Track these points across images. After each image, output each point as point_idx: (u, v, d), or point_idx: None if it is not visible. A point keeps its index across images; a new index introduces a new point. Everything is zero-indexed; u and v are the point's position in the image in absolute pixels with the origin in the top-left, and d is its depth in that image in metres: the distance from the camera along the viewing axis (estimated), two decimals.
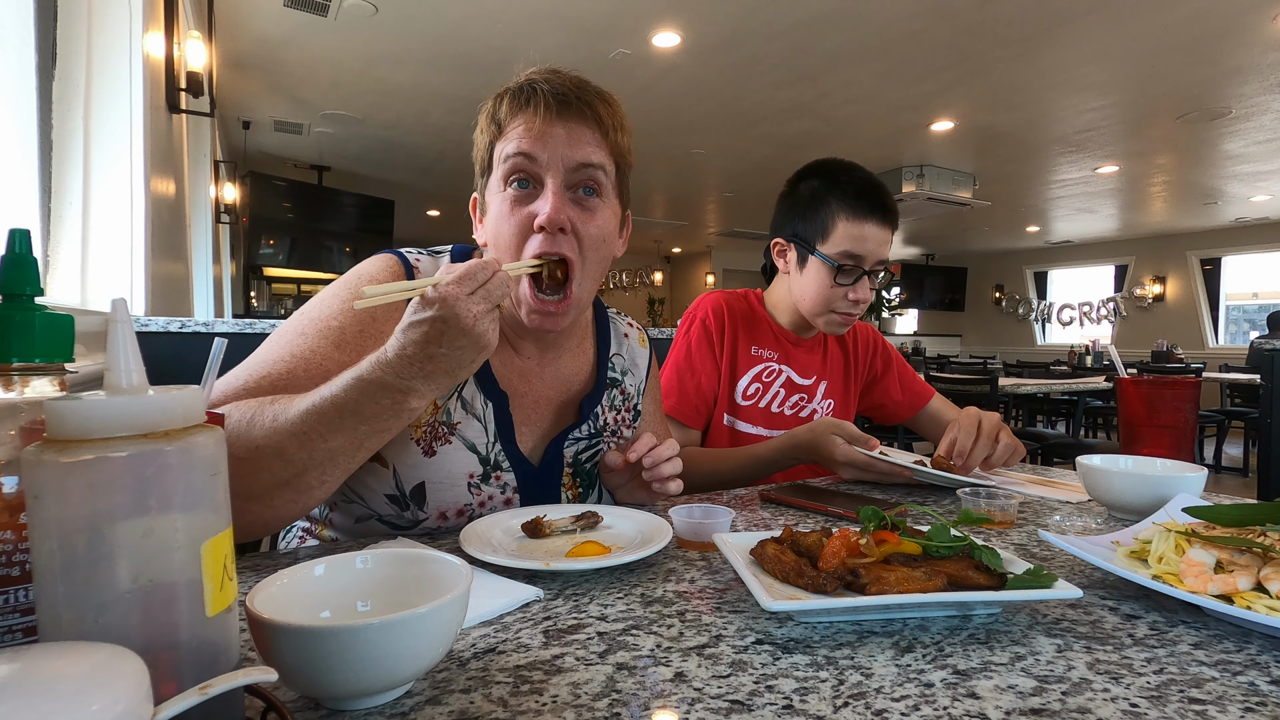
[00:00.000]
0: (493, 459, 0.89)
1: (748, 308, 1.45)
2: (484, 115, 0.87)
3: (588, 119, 0.84)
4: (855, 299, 1.31)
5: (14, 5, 1.25)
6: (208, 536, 0.36)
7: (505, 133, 0.84)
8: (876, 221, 1.29)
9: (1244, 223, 9.25)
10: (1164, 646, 0.53)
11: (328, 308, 0.83)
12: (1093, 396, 5.62)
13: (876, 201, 1.29)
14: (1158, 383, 1.11)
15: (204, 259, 4.43)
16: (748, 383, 1.39)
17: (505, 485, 0.89)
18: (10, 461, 0.39)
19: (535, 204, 0.83)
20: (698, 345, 1.38)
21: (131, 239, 2.05)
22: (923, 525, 0.70)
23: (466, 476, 0.86)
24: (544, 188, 0.83)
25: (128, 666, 0.28)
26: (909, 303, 13.02)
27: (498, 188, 0.85)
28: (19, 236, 0.42)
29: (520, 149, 0.82)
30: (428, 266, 0.90)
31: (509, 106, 0.84)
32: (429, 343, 0.66)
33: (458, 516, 0.86)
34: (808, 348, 1.45)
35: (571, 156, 0.83)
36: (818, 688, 0.46)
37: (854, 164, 1.36)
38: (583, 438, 0.98)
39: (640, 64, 4.49)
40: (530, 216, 0.82)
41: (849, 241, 1.28)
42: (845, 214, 1.29)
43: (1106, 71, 4.50)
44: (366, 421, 0.69)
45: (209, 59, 3.42)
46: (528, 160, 0.82)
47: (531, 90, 0.83)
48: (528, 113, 0.83)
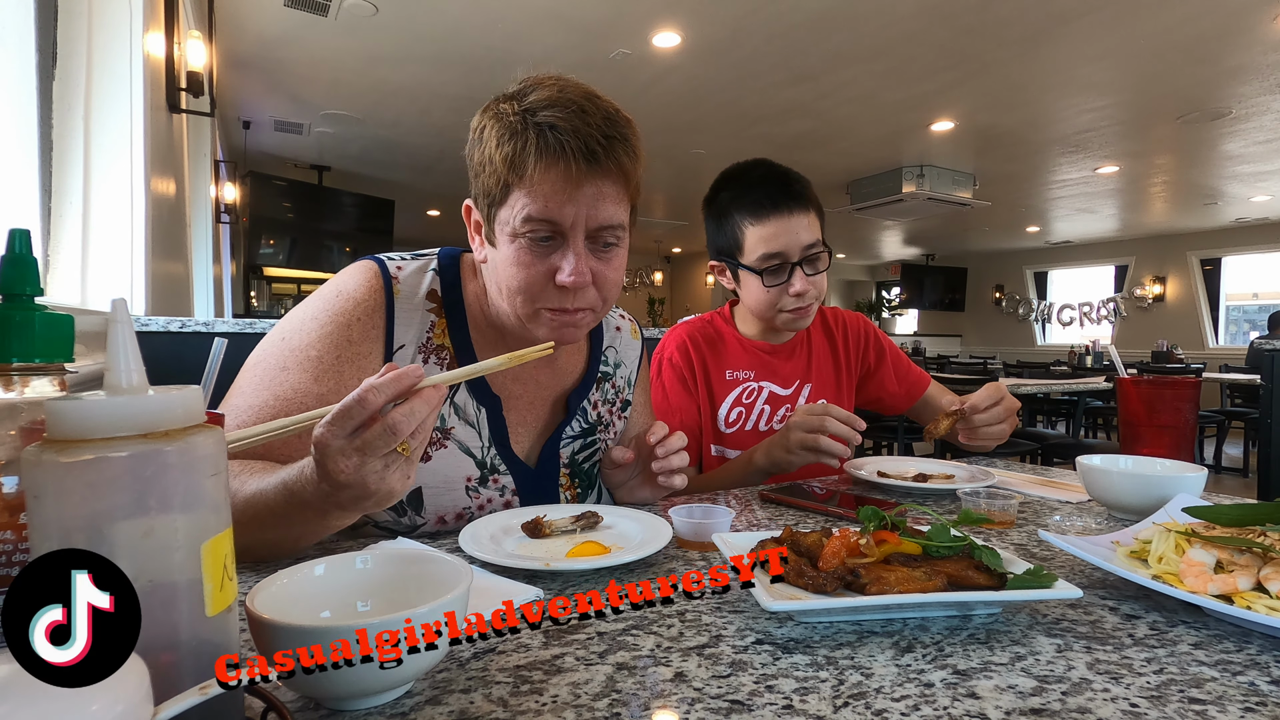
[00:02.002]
0: (489, 463, 0.89)
1: (714, 333, 1.41)
2: (496, 143, 0.79)
3: (614, 175, 0.80)
4: (796, 293, 1.27)
5: (14, 5, 1.25)
6: (208, 536, 0.36)
7: (527, 185, 0.78)
8: (783, 213, 1.25)
9: (1244, 223, 9.25)
10: (1164, 646, 0.53)
11: (307, 334, 0.82)
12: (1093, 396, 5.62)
13: (775, 193, 1.26)
14: (1158, 383, 1.11)
15: (204, 259, 4.43)
16: (728, 409, 1.36)
17: (504, 488, 0.89)
18: (10, 461, 0.39)
19: (555, 258, 0.81)
20: (671, 386, 1.35)
21: (131, 239, 2.05)
22: (923, 525, 0.70)
23: (464, 480, 0.86)
24: (565, 243, 0.81)
25: (127, 666, 0.28)
26: (909, 303, 13.03)
27: (511, 233, 0.80)
28: (19, 236, 0.42)
29: (547, 216, 0.78)
30: (410, 276, 0.89)
31: (535, 159, 0.77)
32: (322, 481, 0.60)
33: (457, 520, 0.86)
34: (785, 354, 1.42)
35: (596, 218, 0.80)
36: (818, 688, 0.46)
37: (753, 163, 1.33)
38: (576, 435, 0.98)
39: (640, 64, 4.49)
40: (550, 270, 0.81)
41: (762, 244, 1.26)
42: (749, 219, 1.27)
43: (1106, 71, 4.50)
44: (295, 526, 0.67)
45: (209, 59, 3.42)
46: (551, 224, 0.79)
47: (561, 145, 0.76)
48: (556, 171, 0.77)
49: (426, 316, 0.88)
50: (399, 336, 0.86)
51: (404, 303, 0.87)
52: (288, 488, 0.64)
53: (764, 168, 1.31)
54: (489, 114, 0.82)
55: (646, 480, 0.94)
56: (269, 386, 0.79)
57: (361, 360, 0.83)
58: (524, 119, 0.78)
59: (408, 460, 0.60)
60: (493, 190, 0.81)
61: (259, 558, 0.70)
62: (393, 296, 0.86)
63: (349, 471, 0.57)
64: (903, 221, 8.97)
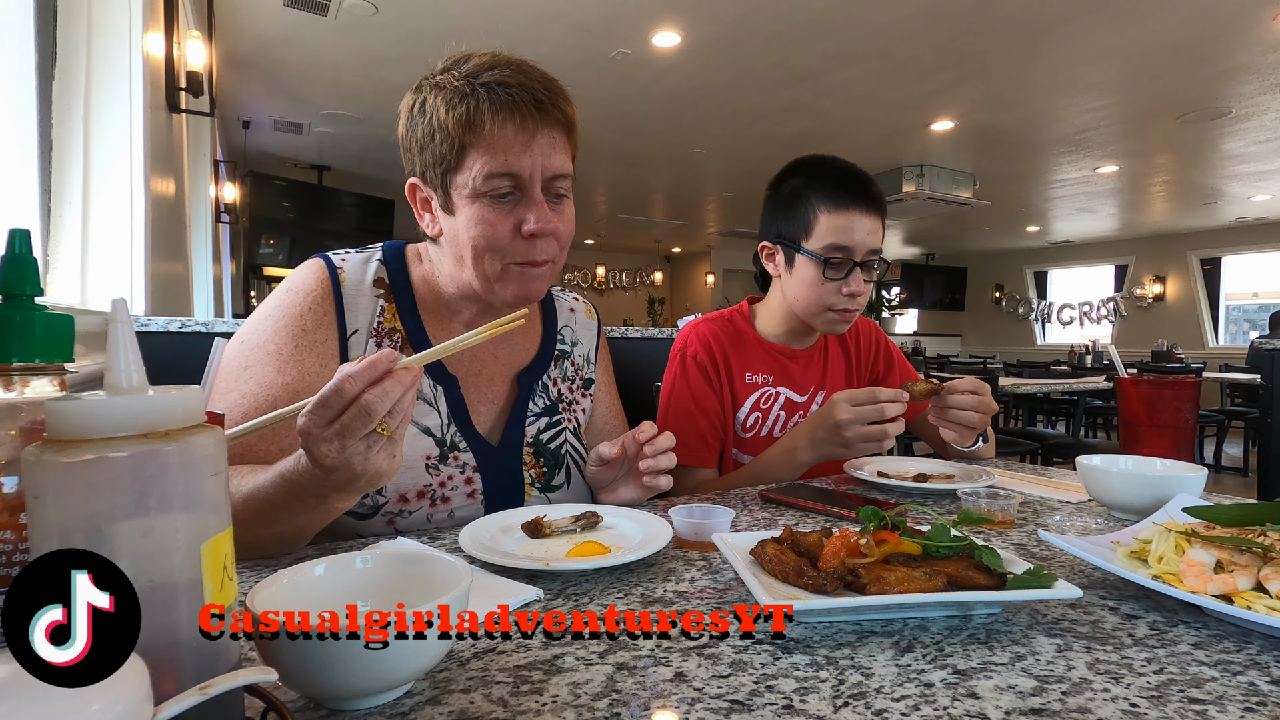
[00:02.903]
0: (449, 440, 0.90)
1: (734, 331, 1.39)
2: (445, 108, 0.82)
3: (560, 124, 0.85)
4: (850, 293, 1.26)
5: (14, 5, 1.25)
6: (208, 536, 0.36)
7: (484, 142, 0.81)
8: (860, 210, 1.25)
9: (1244, 223, 9.25)
10: (1164, 646, 0.53)
11: (264, 332, 0.85)
12: (1093, 396, 5.62)
13: (858, 189, 1.26)
14: (1158, 383, 1.11)
15: (204, 259, 4.43)
16: (747, 413, 1.34)
17: (464, 465, 0.91)
18: (10, 461, 0.40)
19: (519, 211, 0.85)
20: (697, 383, 1.32)
21: (131, 239, 2.05)
22: (923, 525, 0.70)
23: (423, 459, 0.88)
24: (526, 196, 0.85)
25: (127, 666, 0.28)
26: (909, 302, 13.03)
27: (471, 193, 0.83)
28: (19, 236, 0.42)
29: (508, 169, 0.82)
30: (354, 266, 0.92)
31: (491, 114, 0.81)
32: (314, 466, 0.62)
33: (419, 499, 0.87)
34: (804, 360, 1.39)
35: (551, 166, 0.85)
36: (818, 688, 0.46)
37: (833, 157, 1.33)
38: (539, 413, 0.99)
39: (640, 64, 4.49)
40: (516, 223, 0.85)
41: (833, 234, 1.25)
42: (826, 206, 1.26)
43: (1106, 71, 4.50)
44: (299, 515, 0.69)
45: (209, 59, 3.42)
46: (513, 177, 0.83)
47: (512, 100, 0.81)
48: (511, 125, 0.81)
49: (375, 302, 0.92)
50: (350, 322, 0.89)
51: (351, 290, 0.90)
52: (285, 479, 0.66)
53: (847, 163, 1.31)
54: (426, 88, 0.85)
55: (633, 479, 0.94)
56: (235, 386, 0.82)
57: (319, 347, 0.86)
58: (468, 83, 0.82)
59: (391, 440, 0.62)
60: (446, 156, 0.83)
61: (266, 554, 0.71)
62: (339, 285, 0.90)
63: (333, 456, 0.60)
64: (903, 221, 8.97)
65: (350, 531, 0.86)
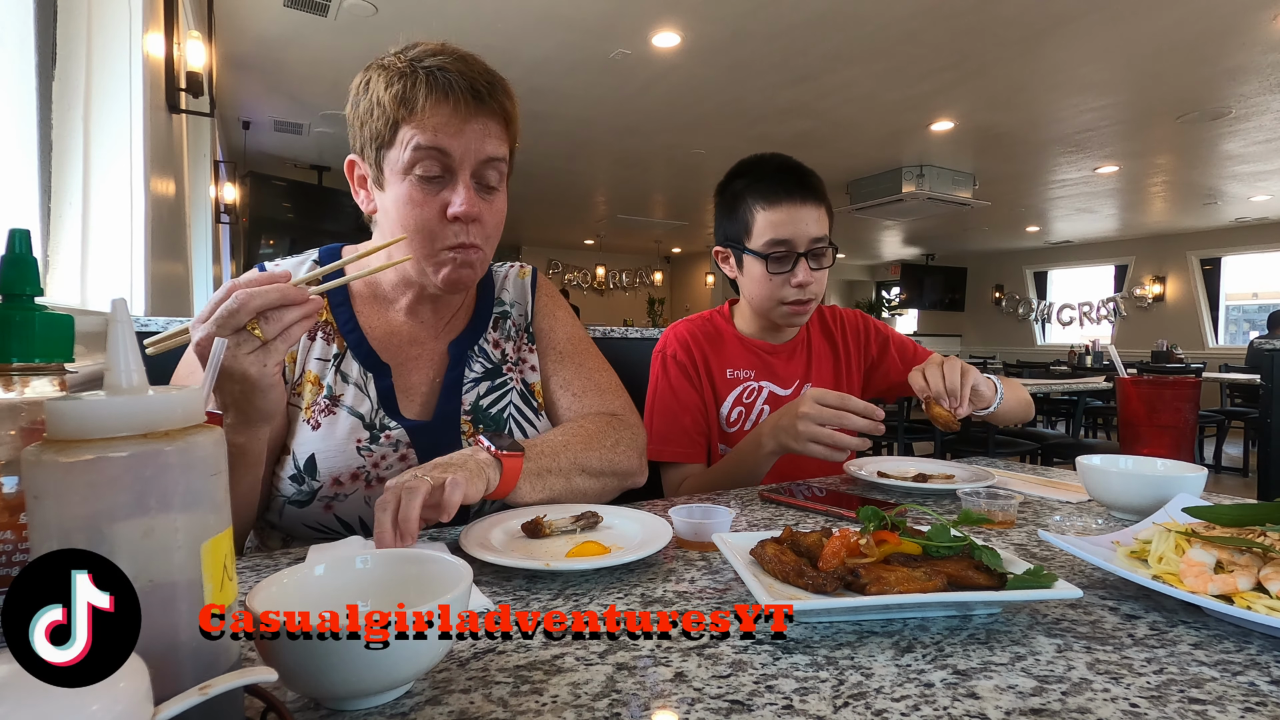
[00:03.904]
0: (375, 421, 0.91)
1: (714, 330, 1.42)
2: (384, 86, 0.85)
3: (497, 115, 0.88)
4: (798, 284, 1.28)
5: (14, 5, 1.25)
6: (208, 536, 0.36)
7: (417, 119, 0.84)
8: (795, 202, 1.26)
9: (1244, 223, 9.25)
10: (1164, 646, 0.53)
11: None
12: (1093, 396, 5.61)
13: (791, 182, 1.27)
14: (1158, 383, 1.11)
15: (204, 259, 4.43)
16: (729, 408, 1.36)
17: (397, 443, 0.91)
18: (10, 461, 0.40)
19: (446, 194, 0.87)
20: (677, 380, 1.35)
21: (131, 239, 2.05)
22: (923, 525, 0.70)
23: (354, 442, 0.89)
24: (454, 179, 0.87)
25: (127, 666, 0.28)
26: (909, 303, 13.03)
27: (401, 169, 0.86)
28: (19, 236, 0.42)
29: (437, 144, 0.84)
30: (287, 267, 0.95)
31: (425, 94, 0.84)
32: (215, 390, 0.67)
33: (352, 480, 0.88)
34: (786, 354, 1.41)
35: (482, 151, 0.87)
36: (818, 688, 0.46)
37: (770, 155, 1.34)
38: (479, 378, 0.99)
39: (640, 64, 4.49)
40: (442, 205, 0.87)
41: (771, 229, 1.27)
42: (761, 203, 1.28)
43: (1106, 71, 4.50)
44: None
45: (209, 59, 3.42)
46: (441, 154, 0.85)
47: (449, 83, 0.84)
48: (446, 107, 0.84)
49: None
50: None
51: None
52: None
53: (780, 159, 1.33)
54: (371, 70, 0.88)
55: None
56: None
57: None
58: (411, 65, 0.85)
59: (264, 348, 0.66)
60: (381, 132, 0.86)
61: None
62: None
63: (204, 345, 0.65)
64: (903, 221, 8.98)
65: (300, 524, 0.88)
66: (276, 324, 0.65)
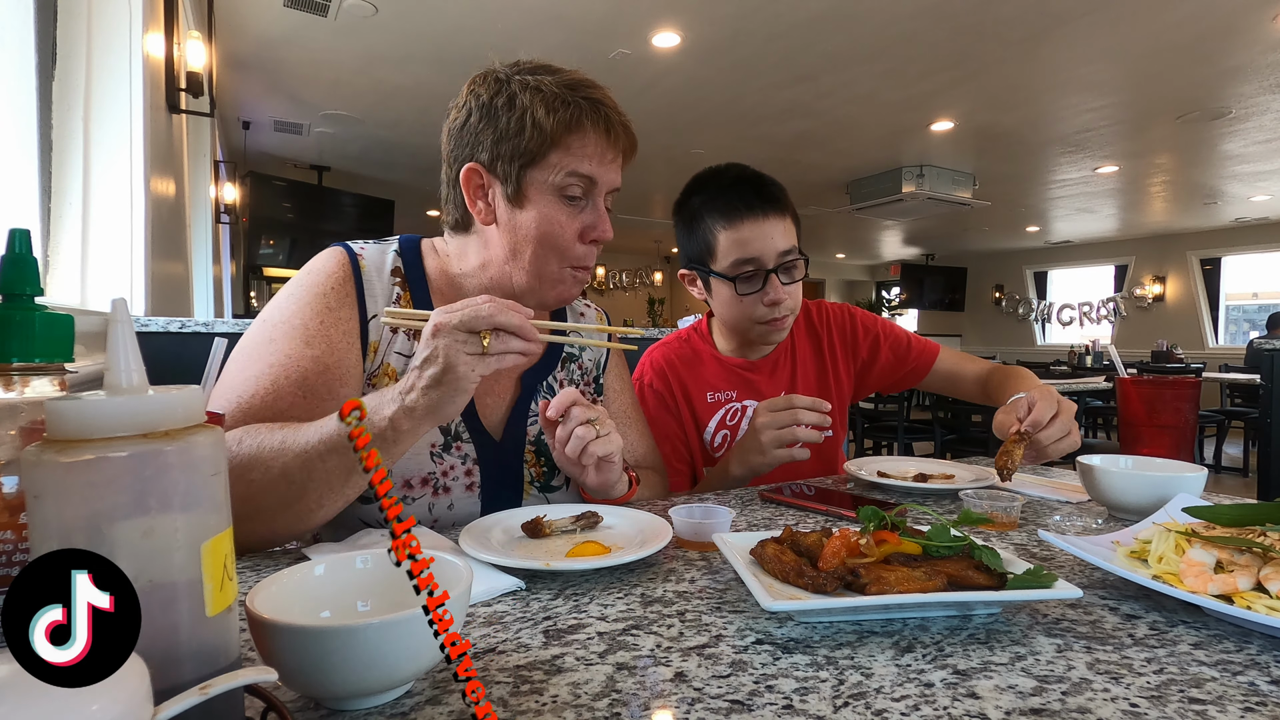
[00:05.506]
0: (454, 429, 0.92)
1: (691, 352, 1.35)
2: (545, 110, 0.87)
3: (625, 149, 0.95)
4: (771, 301, 1.21)
5: (14, 5, 1.25)
6: (208, 536, 0.36)
7: (578, 145, 0.89)
8: (756, 217, 1.20)
9: (1244, 223, 9.25)
10: (1164, 646, 0.53)
11: (287, 310, 0.86)
12: (1093, 396, 5.61)
13: (750, 196, 1.21)
14: (1158, 383, 1.11)
15: (204, 259, 4.43)
16: (713, 432, 1.31)
17: (465, 456, 0.92)
18: (10, 461, 0.40)
19: (584, 216, 0.92)
20: (656, 411, 1.30)
21: (131, 239, 2.05)
22: (923, 525, 0.70)
23: (429, 446, 0.90)
24: (592, 204, 0.92)
25: (127, 666, 0.28)
26: (909, 303, 13.02)
27: (549, 188, 0.89)
28: (19, 236, 0.42)
29: (593, 174, 0.90)
30: (373, 254, 0.94)
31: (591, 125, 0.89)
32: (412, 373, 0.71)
33: (422, 486, 0.89)
34: (768, 370, 1.34)
35: (616, 181, 0.94)
36: (818, 688, 0.46)
37: (726, 166, 1.27)
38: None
39: (640, 64, 4.49)
40: (580, 227, 0.92)
41: (736, 248, 1.20)
42: (721, 222, 1.22)
43: (1106, 71, 4.50)
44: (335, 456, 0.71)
45: (209, 59, 3.42)
46: (589, 182, 0.91)
47: (608, 119, 0.90)
48: (604, 140, 0.90)
49: (392, 290, 0.93)
50: (370, 306, 0.91)
51: (370, 275, 0.92)
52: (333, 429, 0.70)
53: (736, 170, 1.26)
54: (514, 86, 0.89)
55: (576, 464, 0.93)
56: (261, 358, 0.82)
57: (344, 324, 0.87)
58: (570, 92, 0.89)
59: (480, 357, 0.70)
60: (533, 151, 0.88)
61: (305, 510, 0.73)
62: (360, 270, 0.91)
63: (438, 328, 0.70)
64: (902, 221, 8.97)
65: (355, 519, 0.87)
66: (502, 344, 0.71)
